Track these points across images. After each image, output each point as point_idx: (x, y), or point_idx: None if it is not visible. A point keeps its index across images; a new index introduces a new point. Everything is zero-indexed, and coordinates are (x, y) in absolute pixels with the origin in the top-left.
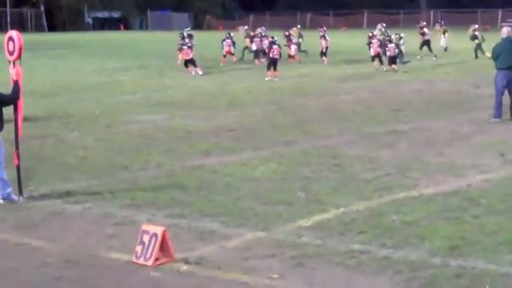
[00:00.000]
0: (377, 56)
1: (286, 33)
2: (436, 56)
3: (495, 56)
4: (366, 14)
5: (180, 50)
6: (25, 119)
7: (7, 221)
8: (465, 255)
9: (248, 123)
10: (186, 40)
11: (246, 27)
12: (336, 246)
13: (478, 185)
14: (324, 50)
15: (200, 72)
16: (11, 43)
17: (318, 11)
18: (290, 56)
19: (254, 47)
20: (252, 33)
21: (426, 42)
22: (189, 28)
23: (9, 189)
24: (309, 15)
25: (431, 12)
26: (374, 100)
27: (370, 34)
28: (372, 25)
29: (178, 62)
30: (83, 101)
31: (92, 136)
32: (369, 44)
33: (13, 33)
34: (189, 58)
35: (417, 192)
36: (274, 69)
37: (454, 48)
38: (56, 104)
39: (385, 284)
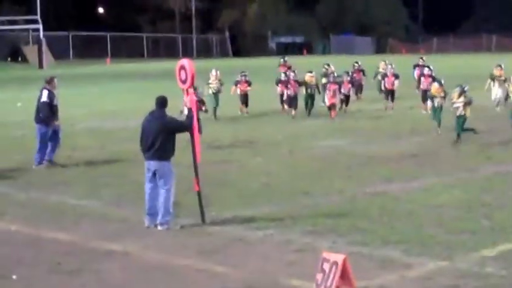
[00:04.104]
0: None
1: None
2: None
3: None
4: None
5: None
6: (208, 145)
7: (189, 247)
8: None
9: (431, 148)
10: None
11: None
12: None
13: None
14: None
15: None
16: (183, 72)
17: (504, 33)
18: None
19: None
20: None
21: None
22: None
23: (168, 218)
24: (494, 38)
25: None
26: None
27: None
28: None
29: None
30: (265, 127)
31: (274, 161)
32: None
33: (185, 62)
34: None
35: None
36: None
37: None
38: (240, 129)
39: None
